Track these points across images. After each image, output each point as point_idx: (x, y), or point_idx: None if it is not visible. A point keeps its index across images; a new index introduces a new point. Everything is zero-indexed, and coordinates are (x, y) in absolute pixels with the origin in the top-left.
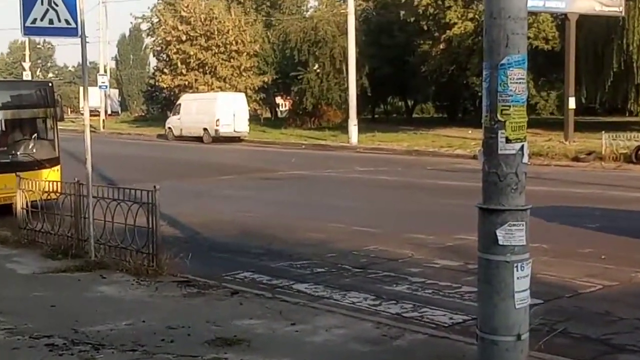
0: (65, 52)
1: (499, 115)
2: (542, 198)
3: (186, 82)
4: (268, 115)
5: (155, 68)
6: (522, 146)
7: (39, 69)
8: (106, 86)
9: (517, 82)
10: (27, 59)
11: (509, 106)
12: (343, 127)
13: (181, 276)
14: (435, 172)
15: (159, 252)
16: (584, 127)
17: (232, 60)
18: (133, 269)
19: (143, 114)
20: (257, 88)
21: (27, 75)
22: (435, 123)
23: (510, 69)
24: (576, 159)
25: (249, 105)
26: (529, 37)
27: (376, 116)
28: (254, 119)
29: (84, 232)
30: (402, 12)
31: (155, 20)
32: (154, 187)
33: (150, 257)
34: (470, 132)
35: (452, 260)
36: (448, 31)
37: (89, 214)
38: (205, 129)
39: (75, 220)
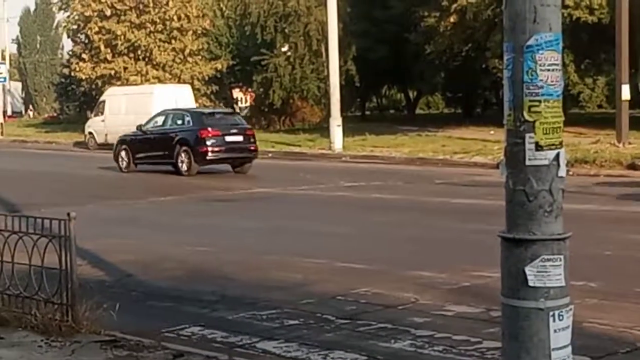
0: None
1: (525, 114)
2: (588, 220)
3: (112, 72)
4: None
5: (70, 53)
6: (558, 154)
7: None
8: (5, 78)
9: (549, 69)
10: None
11: (539, 101)
12: (323, 129)
13: (106, 334)
14: (446, 187)
15: (75, 302)
16: None
17: (173, 41)
18: (41, 326)
19: (55, 114)
20: (207, 78)
21: None
22: (446, 121)
23: (540, 51)
24: (633, 166)
25: (196, 102)
26: (567, 7)
27: (367, 113)
28: None
29: None
30: None
31: None
32: (69, 214)
33: (64, 309)
34: (492, 132)
35: (470, 306)
36: None
37: None
38: None
39: None
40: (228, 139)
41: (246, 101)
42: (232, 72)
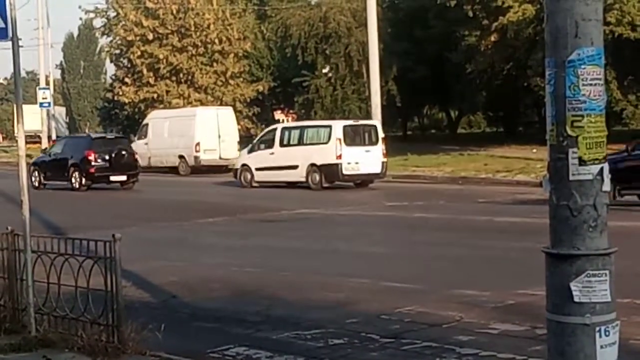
0: None
1: (568, 129)
2: (635, 237)
3: (155, 95)
4: None
5: (113, 77)
6: (602, 169)
7: None
8: (49, 103)
9: (591, 84)
10: None
11: (582, 116)
12: None
13: (152, 355)
14: (489, 205)
15: (121, 323)
16: None
17: (215, 64)
18: (87, 347)
19: None
20: (249, 100)
21: None
22: (488, 140)
23: (582, 66)
24: None
25: (238, 123)
26: (609, 23)
27: (409, 133)
28: (246, 141)
29: (20, 299)
30: None
31: (112, 14)
32: (113, 236)
33: (110, 330)
34: (534, 150)
35: (515, 324)
36: (501, 18)
37: (27, 275)
38: (181, 157)
39: (8, 283)
40: None
41: (288, 122)
42: (273, 94)
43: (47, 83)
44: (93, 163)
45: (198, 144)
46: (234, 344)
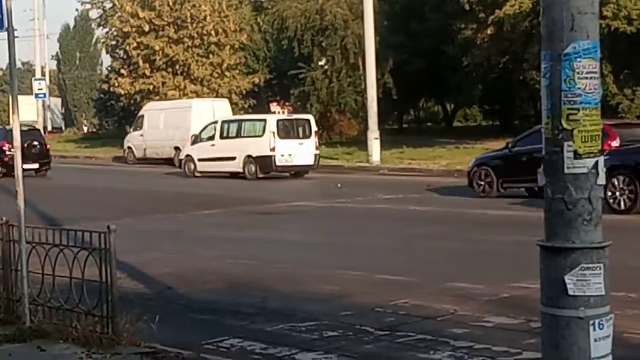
0: None
1: (564, 122)
2: (627, 230)
3: (150, 87)
4: None
5: (109, 69)
6: (597, 163)
7: None
8: (45, 94)
9: (587, 77)
10: None
11: (577, 109)
12: (360, 142)
13: (146, 346)
14: (484, 199)
15: (115, 315)
16: None
17: (211, 56)
18: (81, 338)
19: (94, 129)
20: (245, 92)
21: None
22: (484, 133)
23: (578, 59)
24: None
25: (235, 115)
26: (605, 17)
27: (405, 126)
28: None
29: (15, 290)
30: None
31: (108, 5)
32: (108, 227)
33: (105, 321)
34: None
35: (509, 317)
36: (498, 11)
37: (22, 265)
38: (177, 148)
39: (3, 274)
40: None
41: (284, 115)
42: (269, 86)
43: (43, 74)
44: (7, 152)
45: (194, 135)
46: (228, 336)
